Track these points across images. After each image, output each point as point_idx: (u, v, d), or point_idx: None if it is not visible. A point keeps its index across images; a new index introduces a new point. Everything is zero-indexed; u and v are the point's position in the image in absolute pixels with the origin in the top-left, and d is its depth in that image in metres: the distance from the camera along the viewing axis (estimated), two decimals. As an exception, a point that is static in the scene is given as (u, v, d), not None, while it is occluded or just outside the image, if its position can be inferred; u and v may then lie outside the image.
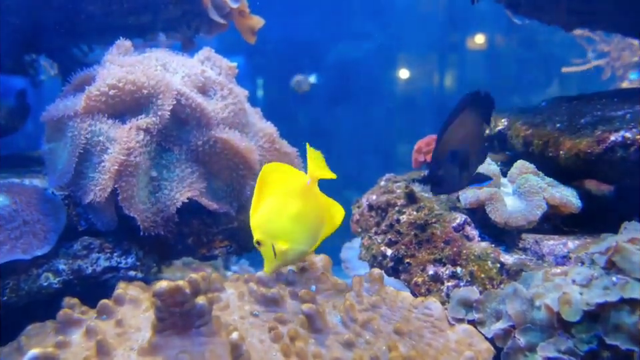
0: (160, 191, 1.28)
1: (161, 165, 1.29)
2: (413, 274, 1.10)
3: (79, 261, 1.23)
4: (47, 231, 1.21)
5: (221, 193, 1.37)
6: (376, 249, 1.20)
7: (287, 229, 1.03)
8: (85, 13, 1.49)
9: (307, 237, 1.06)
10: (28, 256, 1.15)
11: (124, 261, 1.28)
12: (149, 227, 1.25)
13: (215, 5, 1.78)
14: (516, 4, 1.70)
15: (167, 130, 1.30)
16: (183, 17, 1.83)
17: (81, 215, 1.29)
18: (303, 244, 1.06)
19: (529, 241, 1.08)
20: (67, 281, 1.20)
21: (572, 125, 1.16)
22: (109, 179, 1.18)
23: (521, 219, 1.05)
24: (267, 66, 3.82)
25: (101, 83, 1.27)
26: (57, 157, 1.28)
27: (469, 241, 1.09)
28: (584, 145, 1.08)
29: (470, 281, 1.03)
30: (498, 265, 1.03)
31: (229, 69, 1.51)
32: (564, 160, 1.14)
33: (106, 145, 1.22)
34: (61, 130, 1.28)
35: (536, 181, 1.10)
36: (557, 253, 1.04)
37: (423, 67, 3.90)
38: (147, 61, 1.35)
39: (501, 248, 1.08)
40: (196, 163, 1.32)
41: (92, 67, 1.37)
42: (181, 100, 1.29)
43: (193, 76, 1.37)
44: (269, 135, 1.46)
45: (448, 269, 1.06)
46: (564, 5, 1.59)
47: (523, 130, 1.25)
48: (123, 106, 1.28)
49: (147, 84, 1.28)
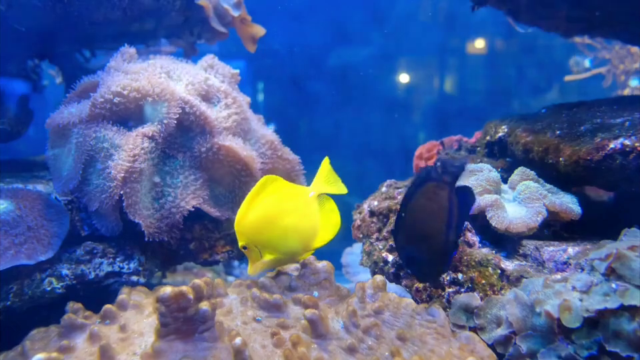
0: (164, 197, 1.29)
1: (164, 171, 1.30)
2: (414, 280, 1.11)
3: (82, 265, 1.24)
4: (51, 236, 1.22)
5: (223, 199, 1.38)
6: (377, 255, 1.20)
7: (277, 240, 1.05)
8: (88, 19, 1.50)
9: (295, 249, 1.08)
10: (32, 261, 1.16)
11: (126, 266, 1.29)
12: (154, 233, 1.25)
13: (217, 12, 1.80)
14: (516, 11, 1.72)
15: (171, 137, 1.31)
16: (185, 24, 1.85)
17: (84, 220, 1.30)
18: (290, 255, 1.08)
19: (529, 247, 1.09)
20: (70, 286, 1.21)
21: (572, 132, 1.17)
22: (116, 186, 1.19)
23: (521, 226, 1.06)
24: (268, 70, 3.84)
25: (105, 90, 1.28)
26: (62, 162, 1.29)
27: (470, 247, 1.10)
28: (583, 152, 1.09)
29: (471, 287, 1.04)
30: (499, 271, 1.04)
31: (231, 76, 1.53)
32: (564, 167, 1.14)
33: (110, 151, 1.23)
34: (65, 136, 1.29)
35: (536, 187, 1.11)
36: (557, 259, 1.04)
37: (423, 71, 3.91)
38: (151, 69, 1.37)
39: (502, 254, 1.09)
40: (199, 170, 1.33)
41: (96, 74, 1.39)
42: (185, 108, 1.30)
43: (196, 84, 1.38)
44: (270, 141, 1.48)
45: (449, 275, 1.07)
46: (563, 13, 1.61)
47: (523, 137, 1.26)
48: (127, 113, 1.29)
49: (152, 91, 1.29)
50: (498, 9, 1.72)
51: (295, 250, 1.08)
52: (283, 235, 1.06)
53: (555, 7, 1.57)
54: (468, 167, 1.20)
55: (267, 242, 1.05)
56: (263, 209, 1.05)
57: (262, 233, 1.04)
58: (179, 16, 1.76)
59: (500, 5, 1.66)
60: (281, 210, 1.06)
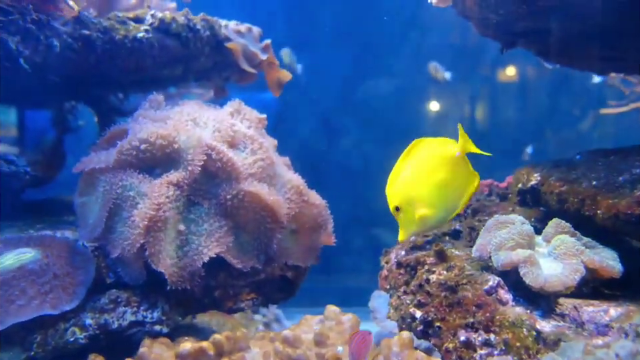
0: (187, 245, 1.28)
1: (189, 219, 1.30)
2: (444, 339, 1.06)
3: (106, 315, 1.23)
4: (76, 285, 1.23)
5: (248, 246, 1.37)
6: (405, 310, 1.16)
7: (431, 195, 1.12)
8: (119, 68, 1.54)
9: (449, 204, 1.14)
10: (57, 311, 1.16)
11: (149, 315, 1.28)
12: (177, 282, 1.24)
13: (245, 56, 1.82)
14: (545, 52, 1.68)
15: (196, 184, 1.31)
16: (214, 68, 1.88)
17: (110, 267, 1.31)
18: (444, 211, 1.14)
19: (566, 306, 1.03)
20: (93, 336, 1.20)
21: (609, 182, 1.12)
22: (139, 234, 1.19)
23: (557, 284, 1.00)
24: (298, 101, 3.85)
25: (132, 137, 1.30)
26: (89, 210, 1.30)
27: (503, 305, 1.05)
28: (623, 206, 1.04)
29: (504, 349, 0.98)
30: (534, 332, 0.98)
31: (258, 121, 1.53)
32: (602, 220, 1.09)
33: (136, 199, 1.24)
34: (93, 184, 1.31)
35: (572, 242, 1.06)
36: (598, 321, 0.98)
37: (454, 101, 3.86)
38: (177, 116, 1.38)
39: (537, 313, 1.03)
40: (224, 217, 1.32)
41: (125, 121, 1.41)
42: (212, 154, 1.30)
43: (222, 130, 1.38)
44: (296, 187, 1.46)
45: (480, 336, 1.02)
46: (596, 53, 1.56)
47: (557, 186, 1.21)
48: (153, 160, 1.31)
49: (178, 138, 1.30)
50: (527, 50, 1.69)
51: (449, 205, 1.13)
52: (437, 187, 1.11)
53: (587, 49, 1.53)
54: (499, 218, 1.16)
55: (424, 196, 1.11)
56: (416, 165, 1.13)
57: (418, 187, 1.10)
58: (207, 61, 1.79)
59: (529, 46, 1.63)
60: (433, 165, 1.13)
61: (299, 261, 1.44)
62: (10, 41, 1.26)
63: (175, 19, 1.62)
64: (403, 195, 1.10)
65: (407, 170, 1.12)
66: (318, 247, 1.48)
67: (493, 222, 1.17)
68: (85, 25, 1.44)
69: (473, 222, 1.45)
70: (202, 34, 1.70)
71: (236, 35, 1.82)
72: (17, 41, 1.27)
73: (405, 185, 1.11)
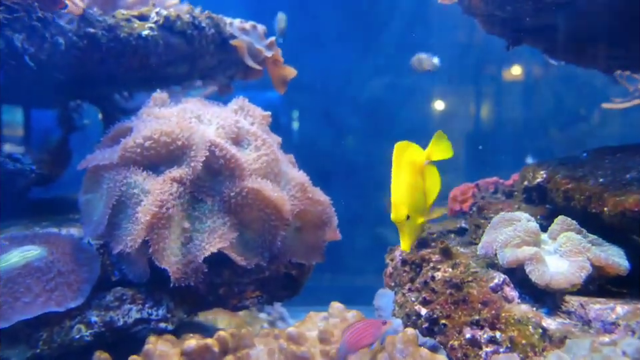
0: (191, 242, 1.28)
1: (193, 216, 1.30)
2: (449, 336, 1.05)
3: (111, 312, 1.24)
4: (81, 282, 1.23)
5: (252, 243, 1.36)
6: (410, 308, 1.15)
7: (423, 201, 1.24)
8: (124, 66, 1.54)
9: (426, 210, 1.26)
10: (62, 308, 1.16)
11: (155, 312, 1.28)
12: (180, 279, 1.24)
13: (251, 53, 1.82)
14: (551, 49, 1.67)
15: (200, 180, 1.31)
16: (219, 66, 1.88)
17: (115, 265, 1.31)
18: (427, 217, 1.26)
19: (573, 303, 1.02)
20: (98, 333, 1.21)
21: (616, 180, 1.11)
22: (141, 230, 1.19)
23: (563, 282, 0.99)
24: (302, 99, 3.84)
25: (136, 135, 1.30)
26: (93, 208, 1.30)
27: (508, 302, 1.04)
28: (630, 203, 1.03)
29: (510, 347, 0.98)
30: (540, 330, 0.98)
31: (262, 118, 1.53)
32: (608, 217, 1.08)
33: (140, 197, 1.24)
34: (97, 182, 1.31)
35: (578, 240, 1.05)
36: (605, 318, 0.97)
37: (459, 100, 3.84)
38: (181, 113, 1.38)
39: (543, 311, 1.02)
40: (228, 214, 1.32)
41: (129, 119, 1.41)
42: (215, 151, 1.30)
43: (226, 127, 1.38)
44: (300, 184, 1.45)
45: (486, 333, 1.01)
46: (603, 52, 1.55)
47: (563, 184, 1.21)
48: (157, 157, 1.30)
49: (181, 135, 1.30)
50: (533, 47, 1.68)
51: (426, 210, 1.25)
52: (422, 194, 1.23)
53: (593, 47, 1.51)
54: (505, 215, 1.15)
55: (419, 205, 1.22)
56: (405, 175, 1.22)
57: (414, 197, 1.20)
58: (212, 59, 1.79)
59: (535, 44, 1.63)
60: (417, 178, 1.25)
61: (303, 258, 1.44)
62: (15, 38, 1.26)
63: (179, 16, 1.62)
64: (410, 203, 1.18)
65: (404, 178, 1.22)
66: (322, 244, 1.48)
67: (498, 219, 1.16)
68: (90, 22, 1.44)
69: (479, 219, 1.44)
70: (207, 32, 1.70)
71: (241, 33, 1.82)
72: (22, 39, 1.28)
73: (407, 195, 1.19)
